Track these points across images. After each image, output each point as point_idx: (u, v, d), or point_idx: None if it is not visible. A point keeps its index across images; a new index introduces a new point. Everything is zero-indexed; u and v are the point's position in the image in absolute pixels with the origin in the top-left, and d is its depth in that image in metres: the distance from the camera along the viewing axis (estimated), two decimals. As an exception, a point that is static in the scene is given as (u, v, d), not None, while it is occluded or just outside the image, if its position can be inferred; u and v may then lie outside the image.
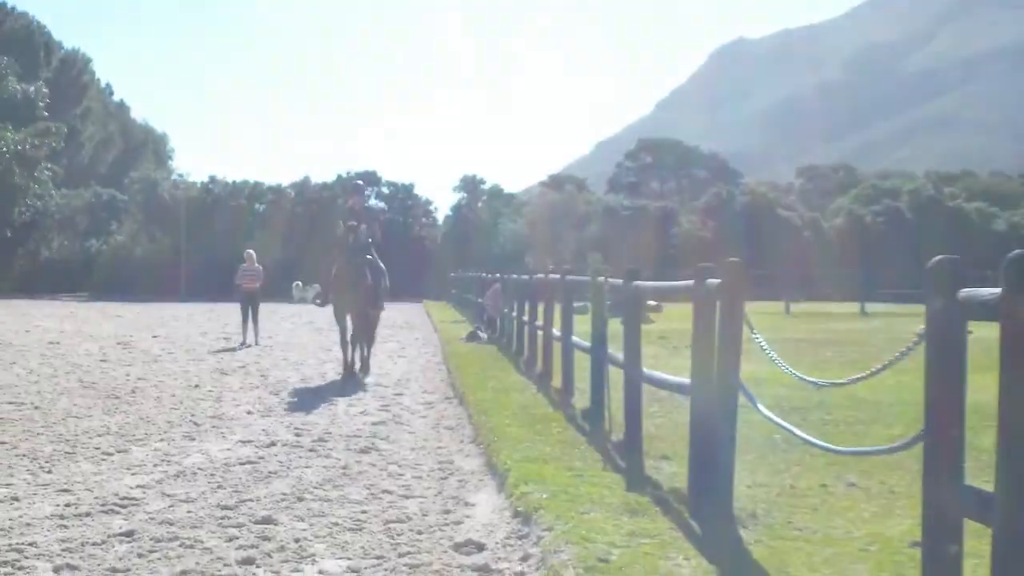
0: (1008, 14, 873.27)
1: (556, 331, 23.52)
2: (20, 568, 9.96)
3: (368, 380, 26.74)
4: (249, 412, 20.83)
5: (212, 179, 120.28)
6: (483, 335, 41.03)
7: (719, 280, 11.61)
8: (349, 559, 10.42)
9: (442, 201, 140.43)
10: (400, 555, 10.54)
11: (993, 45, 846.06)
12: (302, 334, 45.52)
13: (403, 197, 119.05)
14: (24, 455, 15.92)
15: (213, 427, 18.81)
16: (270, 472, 15.10)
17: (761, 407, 10.38)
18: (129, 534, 11.32)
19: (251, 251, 43.81)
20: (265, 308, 43.50)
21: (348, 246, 27.00)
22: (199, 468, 14.89)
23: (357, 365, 27.71)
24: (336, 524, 11.88)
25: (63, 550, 10.62)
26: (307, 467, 15.47)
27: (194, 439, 17.39)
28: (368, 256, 27.66)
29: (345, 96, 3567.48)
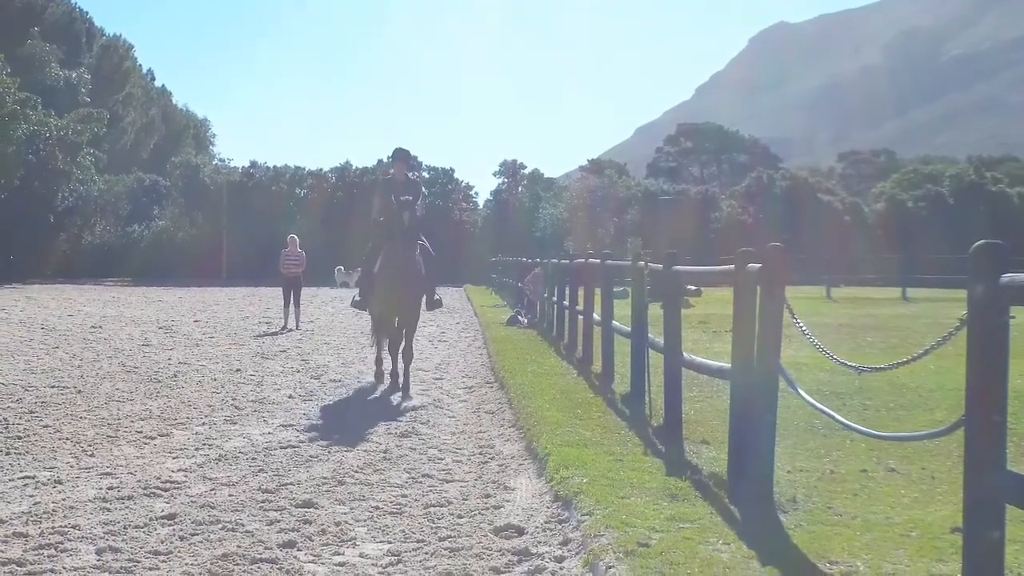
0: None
1: (596, 316, 23.49)
2: (63, 550, 10.00)
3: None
4: (290, 396, 20.85)
5: (253, 164, 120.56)
6: (523, 319, 40.98)
7: (759, 265, 11.59)
8: (389, 543, 10.44)
9: (482, 186, 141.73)
10: (440, 539, 10.57)
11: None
12: (343, 318, 45.52)
13: (444, 181, 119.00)
14: (67, 439, 15.99)
15: (254, 411, 18.84)
16: (311, 456, 15.13)
17: (801, 392, 10.36)
18: (171, 517, 11.37)
19: (294, 236, 43.87)
20: (307, 292, 43.61)
21: (403, 228, 21.24)
22: (240, 452, 14.94)
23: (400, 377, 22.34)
24: (377, 508, 11.91)
25: (106, 532, 10.66)
26: (348, 451, 15.49)
27: (235, 423, 17.43)
28: (420, 241, 22.57)
29: (386, 82, 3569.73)
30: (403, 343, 22.77)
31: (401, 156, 23.46)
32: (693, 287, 17.10)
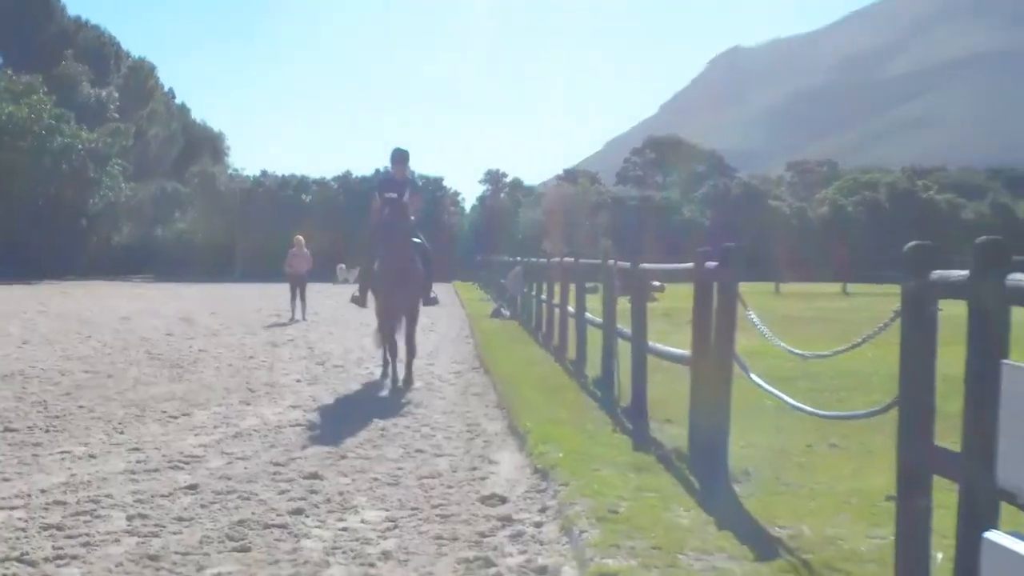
0: (977, 23, 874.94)
1: (571, 308, 23.55)
2: (97, 516, 10.03)
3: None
4: (298, 380, 20.90)
5: (263, 173, 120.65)
6: (506, 312, 41.02)
7: (716, 263, 11.66)
8: (387, 510, 10.47)
9: (468, 192, 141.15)
10: (432, 507, 10.60)
11: (964, 52, 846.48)
12: (345, 311, 45.41)
13: (433, 189, 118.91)
14: (99, 418, 16.02)
15: (266, 393, 18.88)
16: (316, 433, 15.17)
17: (753, 376, 10.41)
18: (193, 487, 11.41)
19: (300, 237, 44.16)
20: (311, 288, 43.62)
21: (386, 224, 19.65)
22: (254, 429, 14.97)
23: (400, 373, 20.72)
24: (375, 479, 11.94)
25: (135, 501, 10.69)
26: (349, 429, 15.52)
27: (249, 404, 17.45)
28: (416, 239, 21.00)
29: (381, 99, 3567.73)
30: (404, 337, 21.31)
31: (399, 157, 21.28)
32: (657, 283, 17.18)
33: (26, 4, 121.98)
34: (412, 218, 20.90)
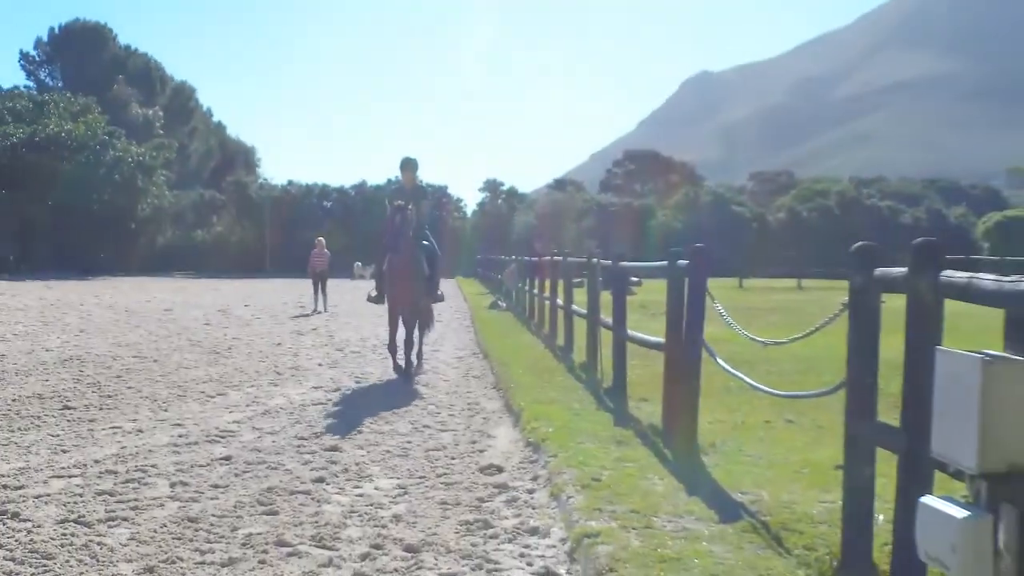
0: (913, 54, 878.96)
1: (559, 301, 23.55)
2: (144, 483, 10.05)
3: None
4: (319, 364, 20.88)
5: (290, 182, 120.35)
6: (502, 304, 40.99)
7: (687, 261, 11.67)
8: (398, 478, 10.47)
9: (470, 199, 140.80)
10: (437, 476, 10.61)
11: (902, 78, 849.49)
12: (362, 304, 45.36)
13: (440, 197, 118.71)
14: (146, 397, 16.02)
15: (292, 376, 18.87)
16: (336, 411, 15.18)
17: (719, 360, 10.40)
18: (227, 458, 11.42)
19: (321, 238, 44.40)
20: (331, 283, 43.61)
21: (395, 229, 18.50)
22: (281, 408, 14.97)
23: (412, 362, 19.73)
24: (388, 451, 11.96)
25: (177, 470, 10.71)
26: (364, 407, 15.53)
27: (277, 385, 17.44)
28: (426, 242, 19.84)
29: (394, 118, 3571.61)
30: (420, 327, 20.36)
31: (407, 165, 20.09)
32: (635, 279, 17.14)
33: (83, 35, 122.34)
34: (422, 222, 19.87)
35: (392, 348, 19.62)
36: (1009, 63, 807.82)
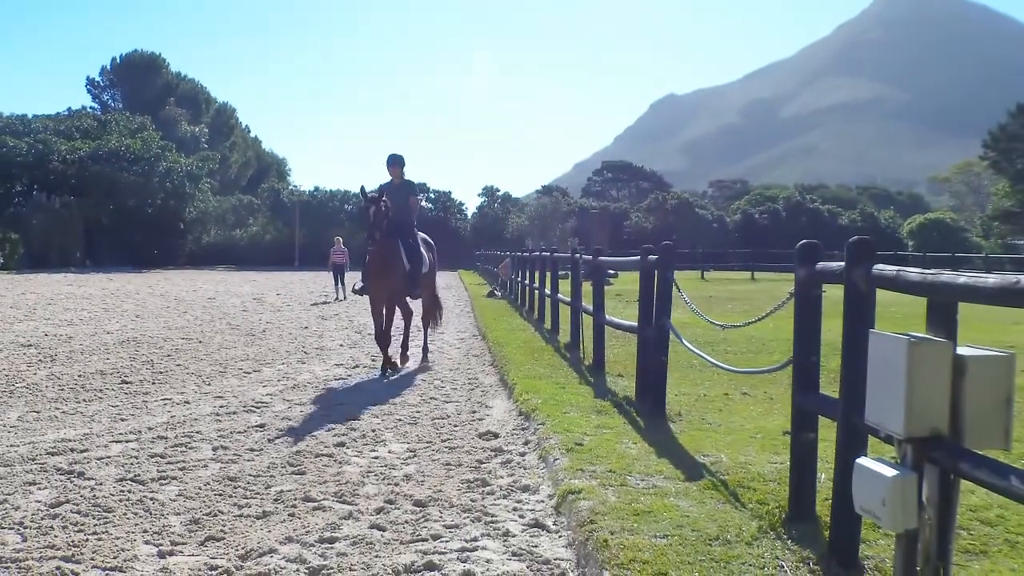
0: (847, 81, 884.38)
1: (547, 291, 23.54)
2: (190, 448, 10.07)
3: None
4: (341, 345, 20.87)
5: (316, 188, 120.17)
6: (498, 293, 40.97)
7: (656, 256, 11.66)
8: (408, 443, 10.47)
9: (470, 203, 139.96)
10: (442, 441, 10.61)
11: (838, 100, 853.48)
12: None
13: (444, 200, 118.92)
14: (192, 373, 16.02)
15: (317, 355, 18.85)
16: (356, 385, 15.19)
17: (684, 341, 10.38)
18: (261, 426, 11.43)
19: (339, 237, 44.62)
20: (349, 276, 43.61)
21: (370, 224, 16.40)
22: (308, 382, 14.97)
23: (410, 359, 18.11)
24: (399, 420, 11.95)
25: (218, 436, 10.71)
26: (380, 381, 15.56)
27: (304, 363, 17.43)
28: (412, 240, 17.48)
29: (406, 130, 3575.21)
30: (411, 320, 18.66)
31: (394, 161, 17.75)
32: (612, 271, 17.10)
33: (141, 63, 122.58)
34: (410, 219, 17.56)
35: (379, 339, 16.96)
36: (929, 90, 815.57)
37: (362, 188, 17.08)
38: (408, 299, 18.13)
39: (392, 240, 16.59)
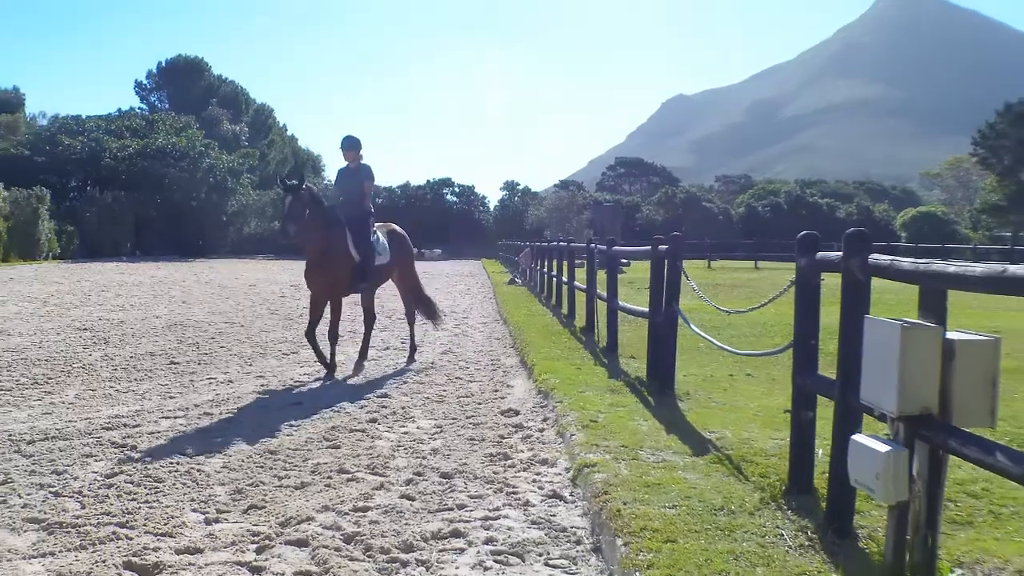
0: (843, 82, 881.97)
1: (564, 278, 23.56)
2: (234, 423, 10.15)
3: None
4: (373, 329, 20.91)
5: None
6: (518, 281, 40.95)
7: (666, 246, 11.66)
8: (435, 420, 10.51)
9: (493, 196, 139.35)
10: (467, 417, 10.64)
11: (835, 101, 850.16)
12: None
13: (468, 194, 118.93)
14: (235, 355, 16.09)
15: (350, 338, 18.83)
16: (386, 365, 15.25)
17: (692, 326, 10.38)
18: (299, 403, 11.51)
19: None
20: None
21: (285, 216, 13.52)
22: (341, 363, 14.95)
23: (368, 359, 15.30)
24: (427, 398, 11.99)
25: (259, 413, 10.78)
26: (409, 362, 15.58)
27: (339, 345, 17.43)
28: (362, 228, 14.58)
29: (433, 129, 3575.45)
30: (338, 323, 14.56)
31: (348, 144, 14.95)
32: (625, 260, 17.07)
33: (185, 67, 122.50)
34: (368, 208, 15.00)
35: (309, 336, 14.24)
36: (920, 90, 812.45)
37: (279, 177, 14.82)
38: (364, 297, 16.04)
39: (336, 230, 14.04)
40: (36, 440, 9.25)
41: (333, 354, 14.21)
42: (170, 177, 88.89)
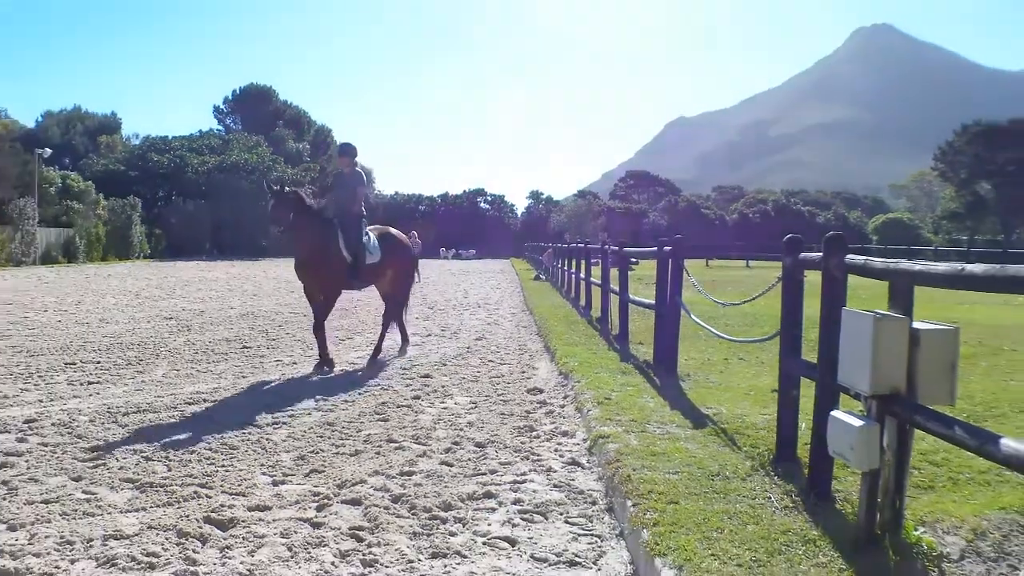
0: (822, 105, 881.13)
1: (582, 275, 23.54)
2: (297, 400, 10.18)
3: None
4: (416, 318, 20.84)
5: (396, 193, 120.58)
6: (543, 277, 40.94)
7: (670, 247, 11.65)
8: (471, 397, 10.51)
9: (520, 204, 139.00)
10: (499, 395, 10.65)
11: (815, 122, 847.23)
12: (445, 277, 45.53)
13: (499, 202, 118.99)
14: (299, 341, 16.16)
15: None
16: (429, 349, 15.25)
17: (692, 316, 10.37)
18: (352, 382, 11.55)
19: (414, 232, 44.84)
20: (421, 262, 43.75)
21: (270, 219, 12.84)
22: (389, 348, 14.97)
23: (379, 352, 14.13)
24: (464, 378, 11.99)
25: (320, 390, 10.82)
26: (448, 347, 15.57)
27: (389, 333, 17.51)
28: (353, 230, 13.48)
29: (468, 144, 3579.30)
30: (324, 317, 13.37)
31: (344, 150, 14.34)
32: (634, 260, 17.02)
33: (256, 94, 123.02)
34: (360, 212, 13.84)
35: (316, 331, 13.22)
36: (889, 113, 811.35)
37: (265, 181, 14.33)
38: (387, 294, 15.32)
39: (327, 231, 13.15)
40: (130, 412, 9.34)
41: (323, 348, 12.97)
42: (242, 188, 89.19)
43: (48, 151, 69.54)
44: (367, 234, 13.82)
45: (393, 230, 15.28)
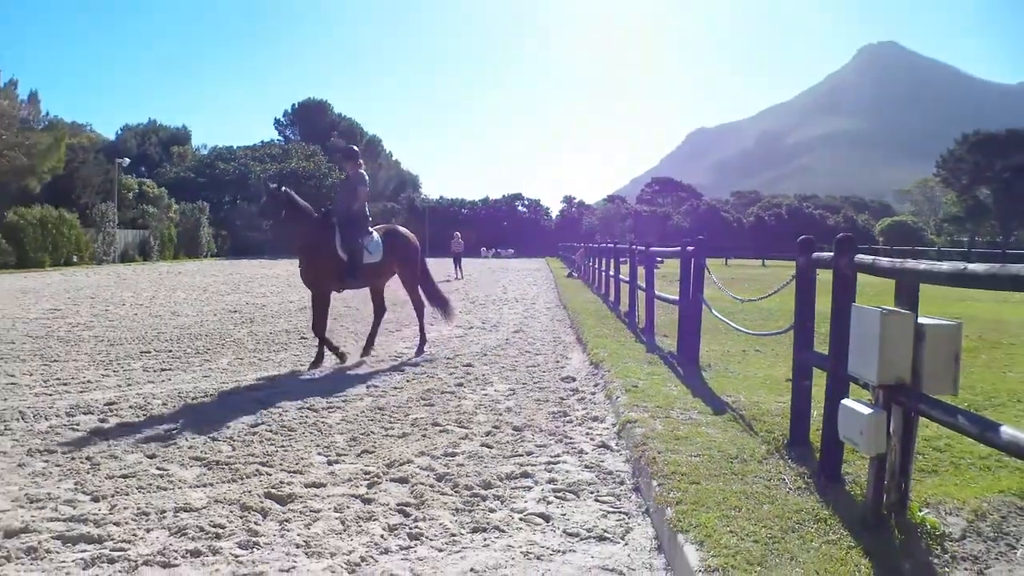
0: (832, 117, 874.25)
1: (611, 273, 23.49)
2: (349, 385, 10.23)
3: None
4: (459, 312, 20.88)
5: (441, 197, 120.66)
6: (575, 275, 40.87)
7: (692, 248, 11.60)
8: (510, 384, 10.50)
9: (555, 208, 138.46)
10: (535, 382, 10.63)
11: (825, 132, 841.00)
12: (486, 274, 45.54)
13: (535, 206, 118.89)
14: (351, 332, 16.27)
15: (441, 320, 18.93)
16: (470, 341, 15.26)
17: (713, 311, 10.32)
18: (400, 368, 11.57)
19: (457, 233, 45.44)
20: (464, 261, 43.91)
21: (260, 215, 12.69)
22: (435, 340, 15.05)
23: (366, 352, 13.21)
24: (503, 367, 11.98)
25: (369, 378, 10.84)
26: (488, 338, 15.58)
27: (432, 324, 17.34)
28: (354, 229, 12.69)
29: (509, 152, 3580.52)
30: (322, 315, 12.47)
31: (348, 154, 13.71)
32: (660, 259, 16.95)
33: (313, 107, 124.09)
34: (363, 210, 13.11)
35: (315, 328, 12.32)
36: (894, 124, 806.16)
37: (261, 178, 13.02)
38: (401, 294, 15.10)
39: (325, 231, 12.44)
40: (198, 397, 9.43)
41: (321, 347, 12.23)
42: (300, 194, 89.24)
43: (127, 161, 70.64)
44: (369, 233, 13.09)
45: (401, 229, 14.46)
